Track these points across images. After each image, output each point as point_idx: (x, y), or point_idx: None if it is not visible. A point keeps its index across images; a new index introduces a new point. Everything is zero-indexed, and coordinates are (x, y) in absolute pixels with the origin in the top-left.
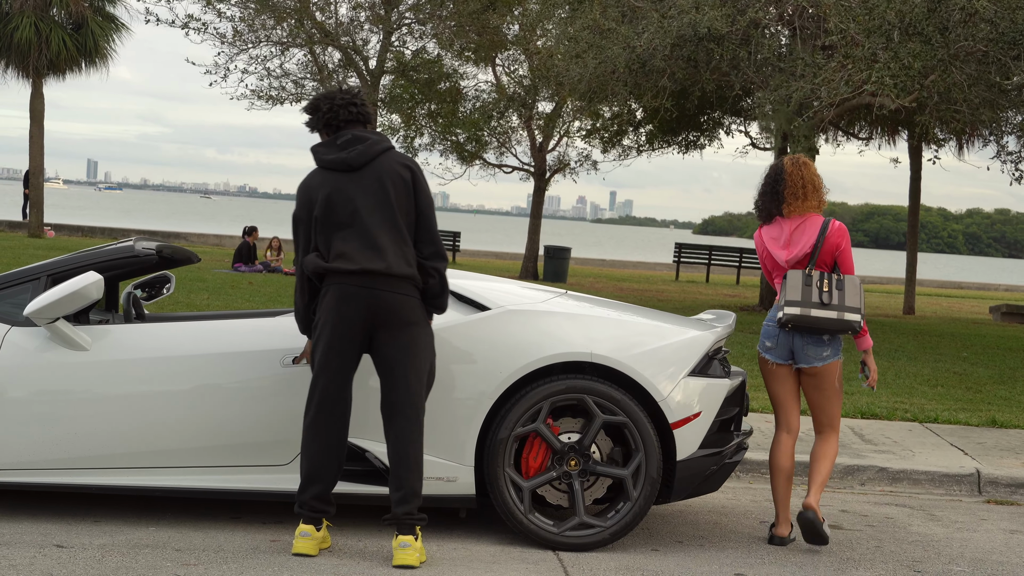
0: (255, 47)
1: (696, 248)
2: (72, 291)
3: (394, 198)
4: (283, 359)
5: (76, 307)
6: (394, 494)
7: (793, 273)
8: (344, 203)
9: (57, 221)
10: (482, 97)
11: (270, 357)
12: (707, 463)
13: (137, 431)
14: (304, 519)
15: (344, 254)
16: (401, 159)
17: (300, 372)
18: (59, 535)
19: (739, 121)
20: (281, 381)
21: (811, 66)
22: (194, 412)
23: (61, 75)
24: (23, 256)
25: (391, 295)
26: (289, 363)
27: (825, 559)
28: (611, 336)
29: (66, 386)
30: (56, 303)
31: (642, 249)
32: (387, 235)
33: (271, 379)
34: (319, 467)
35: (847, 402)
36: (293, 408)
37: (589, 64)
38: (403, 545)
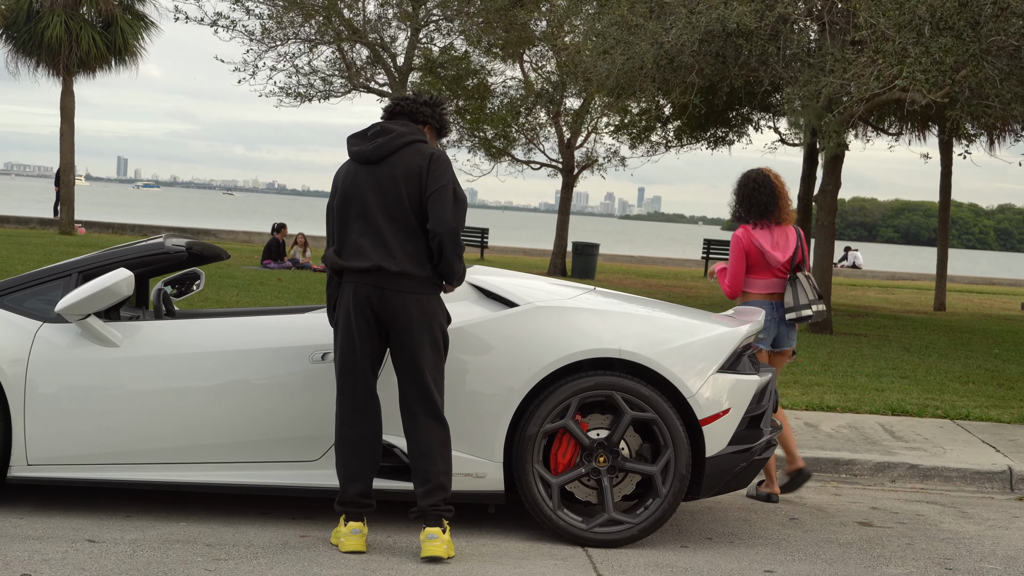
0: (283, 44)
1: (725, 244)
2: (102, 287)
3: (405, 193)
4: (312, 355)
5: (107, 304)
6: (419, 488)
7: (803, 276)
8: (357, 196)
9: (88, 218)
10: (510, 93)
11: (299, 353)
12: (736, 460)
13: (167, 427)
14: (350, 517)
15: (359, 250)
16: (423, 151)
17: (329, 368)
18: (91, 530)
19: (768, 117)
20: (311, 377)
21: (841, 61)
22: (223, 408)
23: (91, 73)
24: (54, 253)
25: (400, 294)
26: (319, 359)
27: (856, 556)
28: (640, 332)
29: (97, 382)
30: (87, 300)
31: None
32: (396, 232)
33: (301, 375)
34: (358, 465)
35: (877, 399)
36: (323, 404)
37: (617, 60)
38: (431, 537)
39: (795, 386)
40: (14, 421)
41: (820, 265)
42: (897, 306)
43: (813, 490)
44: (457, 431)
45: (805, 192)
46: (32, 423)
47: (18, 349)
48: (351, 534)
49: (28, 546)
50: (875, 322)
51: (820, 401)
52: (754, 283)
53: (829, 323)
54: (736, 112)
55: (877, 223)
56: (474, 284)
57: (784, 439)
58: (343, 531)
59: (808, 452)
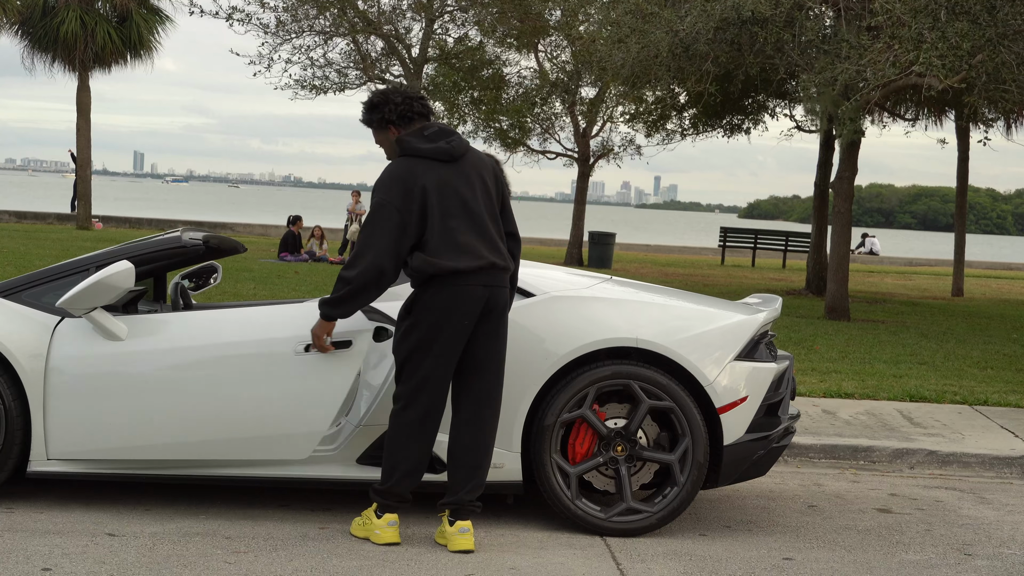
0: (298, 37)
1: (741, 232)
2: (99, 280)
3: (493, 189)
4: (296, 347)
5: (108, 297)
6: (466, 481)
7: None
8: (452, 194)
9: (105, 213)
10: (525, 83)
11: (284, 345)
12: (754, 447)
13: (170, 421)
14: (389, 509)
15: (466, 248)
16: (482, 152)
17: (312, 360)
18: (111, 523)
19: (784, 104)
20: (296, 369)
21: (856, 47)
22: (214, 402)
23: (107, 68)
24: (71, 248)
25: (502, 290)
26: (302, 351)
27: (875, 542)
28: (656, 321)
29: (115, 376)
30: (86, 293)
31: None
32: (494, 227)
33: (285, 368)
34: (419, 464)
35: (895, 385)
36: (307, 397)
37: (632, 49)
38: (463, 531)
39: (813, 373)
40: (33, 416)
41: (837, 252)
42: (915, 292)
43: (832, 477)
44: None
45: (822, 179)
46: (52, 418)
47: (37, 344)
48: (388, 526)
49: (48, 540)
50: (893, 308)
51: (838, 388)
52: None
53: (847, 310)
54: (752, 99)
55: (894, 209)
56: None
57: None
58: (379, 523)
59: (826, 439)
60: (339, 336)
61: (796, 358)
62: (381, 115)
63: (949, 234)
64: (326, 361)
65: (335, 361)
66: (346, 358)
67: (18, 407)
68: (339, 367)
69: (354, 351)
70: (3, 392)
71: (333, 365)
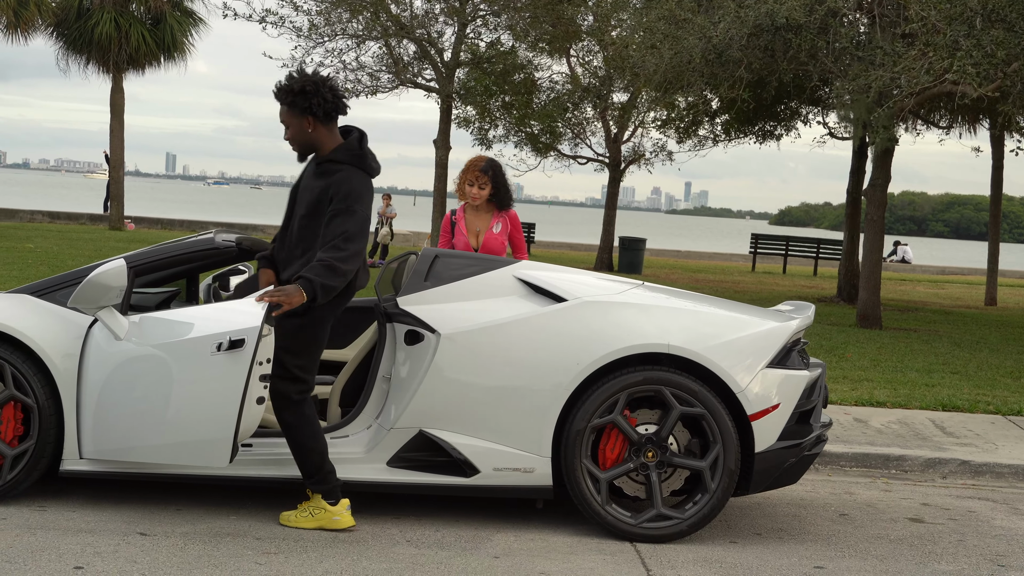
0: (331, 40)
1: (773, 239)
2: (91, 279)
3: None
4: (211, 346)
5: (108, 296)
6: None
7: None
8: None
9: (138, 214)
10: (557, 88)
11: (203, 344)
12: (786, 455)
13: (166, 420)
14: (337, 495)
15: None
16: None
17: (227, 360)
18: (142, 523)
19: (817, 111)
20: (211, 370)
21: (891, 55)
22: (166, 405)
23: (140, 70)
24: (104, 248)
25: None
26: (215, 350)
27: (907, 552)
28: (688, 327)
29: (147, 376)
30: (83, 292)
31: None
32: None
33: (201, 369)
34: (327, 449)
35: (927, 394)
36: (225, 401)
37: (665, 55)
38: (347, 507)
39: (844, 381)
40: (66, 415)
41: (869, 260)
42: (947, 301)
43: (863, 486)
44: (506, 426)
45: (854, 186)
46: (84, 417)
47: (71, 343)
48: (346, 510)
49: (80, 539)
50: (925, 317)
51: (870, 396)
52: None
53: (879, 318)
54: (785, 106)
55: (927, 217)
56: (521, 279)
57: None
58: (337, 510)
59: (858, 448)
60: (234, 334)
61: (827, 366)
62: (308, 104)
63: (982, 243)
64: (228, 362)
65: (232, 361)
66: (239, 358)
67: (51, 406)
68: (234, 368)
69: (245, 350)
70: (36, 391)
71: (230, 366)
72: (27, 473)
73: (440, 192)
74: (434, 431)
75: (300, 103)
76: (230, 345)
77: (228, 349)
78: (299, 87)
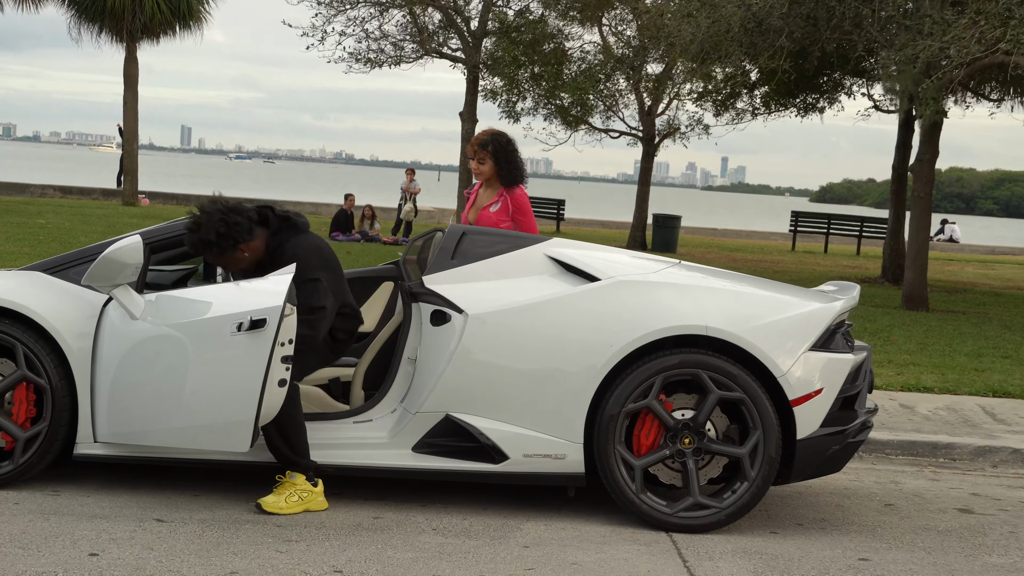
0: (353, 8)
1: (814, 216)
2: (106, 256)
3: None
4: (232, 327)
5: (123, 273)
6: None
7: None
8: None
9: (152, 189)
10: (588, 59)
11: (222, 324)
12: (829, 442)
13: (177, 402)
14: (314, 477)
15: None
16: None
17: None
18: (159, 509)
19: (861, 82)
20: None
21: (940, 23)
22: (182, 387)
23: (155, 39)
24: (117, 225)
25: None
26: (235, 330)
27: (956, 544)
28: (727, 308)
29: (163, 356)
30: (97, 270)
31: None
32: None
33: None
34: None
35: (977, 379)
36: (243, 383)
37: (702, 23)
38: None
39: (890, 366)
40: (80, 397)
41: (916, 239)
42: (997, 282)
43: (910, 475)
44: (537, 410)
45: (900, 162)
46: (99, 399)
47: (85, 323)
48: (322, 492)
49: (95, 525)
50: (974, 299)
51: (916, 382)
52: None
53: (925, 299)
54: (827, 77)
55: (976, 194)
56: (553, 257)
57: None
58: (319, 491)
59: (904, 435)
60: (255, 314)
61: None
62: (233, 237)
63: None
64: (248, 343)
65: (253, 342)
66: (259, 338)
67: (65, 387)
68: (255, 349)
69: (266, 331)
70: (49, 372)
71: (251, 347)
72: (40, 456)
73: (467, 167)
74: (461, 415)
75: (227, 243)
76: (251, 325)
77: (249, 329)
78: (214, 234)
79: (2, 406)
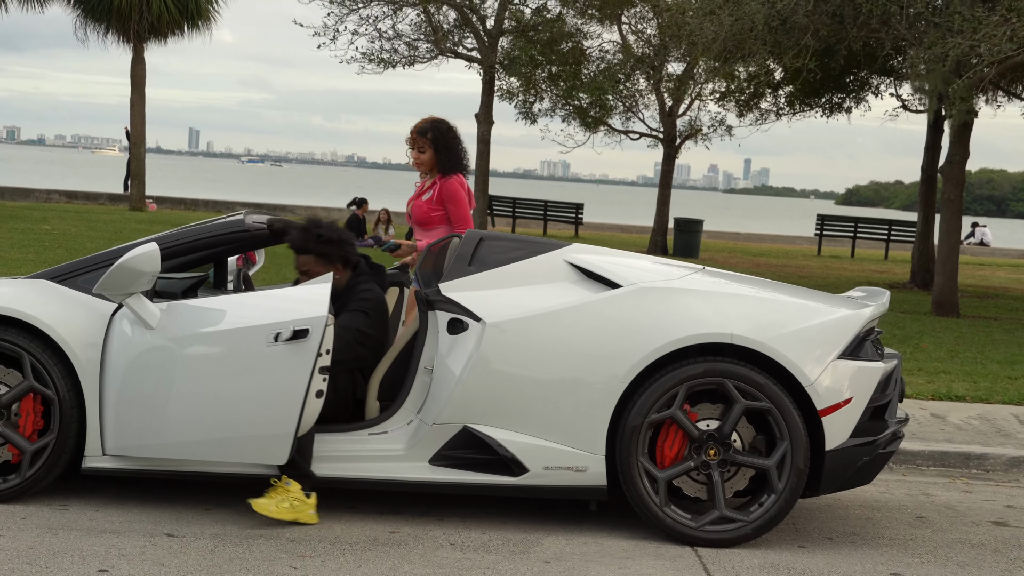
0: (366, 7)
1: (840, 220)
2: (122, 264)
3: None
4: (268, 336)
5: (140, 282)
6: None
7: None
8: None
9: (159, 193)
10: (607, 58)
11: (257, 334)
12: (859, 453)
13: (197, 415)
14: (309, 488)
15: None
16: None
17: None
18: (170, 524)
19: (889, 81)
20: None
21: (970, 20)
22: (208, 397)
23: (162, 39)
24: (125, 230)
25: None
26: (272, 340)
27: (990, 558)
28: (752, 315)
29: (173, 367)
30: (112, 278)
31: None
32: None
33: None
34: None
35: (1010, 387)
36: (280, 393)
37: (724, 21)
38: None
39: (920, 374)
40: (88, 409)
41: (946, 242)
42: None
43: (942, 487)
44: (556, 421)
45: (930, 163)
46: (108, 411)
47: (93, 332)
48: (315, 507)
49: (105, 540)
50: (1006, 304)
51: (947, 390)
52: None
53: (956, 305)
54: (854, 76)
55: (1007, 197)
56: (573, 263)
57: None
58: (312, 503)
59: (935, 445)
60: (296, 324)
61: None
62: (345, 257)
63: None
64: (289, 353)
65: (294, 353)
66: (302, 349)
67: (73, 398)
68: (296, 360)
69: (309, 341)
70: (57, 383)
71: (292, 358)
72: (47, 469)
73: (482, 170)
74: (479, 427)
75: (336, 254)
76: (293, 335)
77: (289, 339)
78: (336, 235)
79: (9, 418)
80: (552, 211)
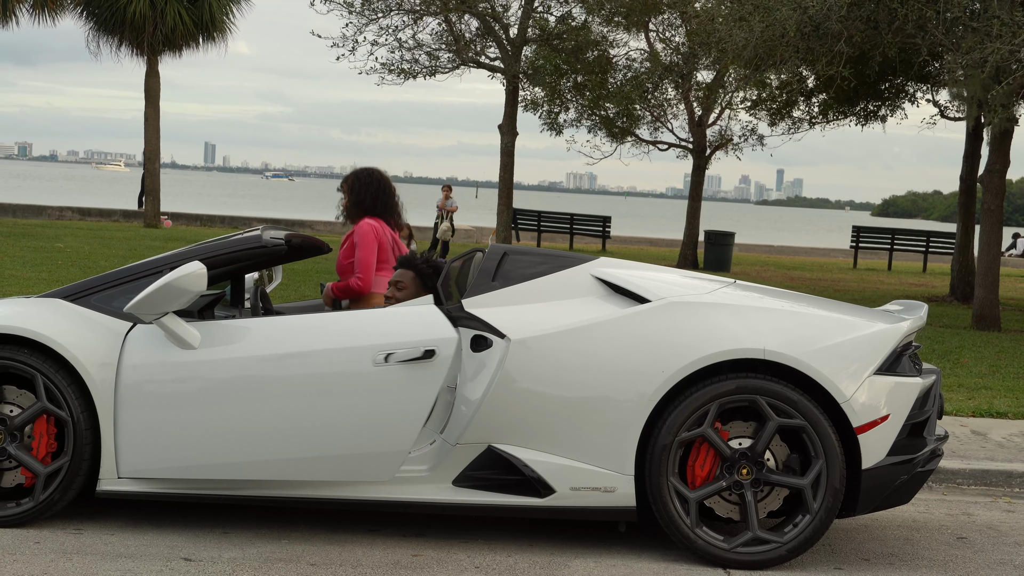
0: (386, 16)
1: (877, 232)
2: (168, 283)
3: None
4: (375, 356)
5: (180, 301)
6: None
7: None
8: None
9: (174, 210)
10: (634, 67)
11: (362, 354)
12: (896, 472)
13: (247, 439)
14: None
15: None
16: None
17: (392, 371)
18: (186, 548)
19: (926, 88)
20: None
21: (1009, 25)
22: (289, 418)
23: (177, 52)
24: (139, 248)
25: None
26: (382, 360)
27: None
28: (786, 330)
29: (192, 388)
30: (154, 297)
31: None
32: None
33: (362, 378)
34: None
35: None
36: (388, 413)
37: (755, 28)
38: None
39: (960, 390)
40: (103, 431)
41: (986, 253)
42: None
43: (983, 506)
44: (584, 440)
45: (968, 172)
46: (123, 433)
47: (107, 352)
48: None
49: (120, 564)
50: None
51: (989, 406)
52: (381, 280)
53: (997, 319)
54: (890, 83)
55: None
56: (600, 278)
57: None
58: None
59: (976, 463)
60: (423, 344)
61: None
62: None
63: None
64: (407, 373)
65: (417, 373)
66: (429, 369)
67: (87, 420)
68: (422, 379)
69: (437, 362)
70: (71, 404)
71: (415, 377)
72: (62, 493)
73: (506, 183)
74: (504, 447)
75: (431, 280)
76: (424, 355)
77: (409, 360)
78: (432, 270)
79: (22, 440)
80: (578, 224)
